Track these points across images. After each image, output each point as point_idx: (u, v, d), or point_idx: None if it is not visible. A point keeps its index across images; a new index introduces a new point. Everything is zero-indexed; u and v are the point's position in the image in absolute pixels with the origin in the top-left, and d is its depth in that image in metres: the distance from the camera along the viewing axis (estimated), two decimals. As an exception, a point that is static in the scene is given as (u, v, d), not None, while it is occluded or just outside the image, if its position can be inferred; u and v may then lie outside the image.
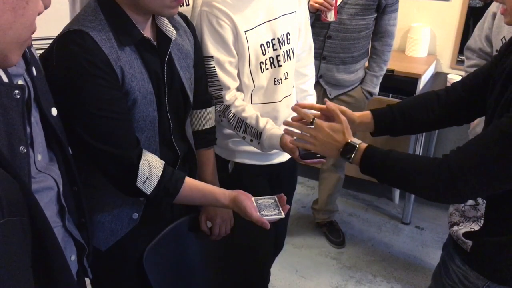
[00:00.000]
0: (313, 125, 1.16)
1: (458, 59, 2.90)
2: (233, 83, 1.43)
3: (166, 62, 1.16)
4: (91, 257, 1.11)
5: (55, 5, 0.86)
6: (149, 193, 1.11)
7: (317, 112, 1.26)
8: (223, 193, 1.19)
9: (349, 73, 2.32)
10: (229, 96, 1.42)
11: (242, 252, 1.48)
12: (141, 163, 1.09)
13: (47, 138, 0.93)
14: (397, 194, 3.03)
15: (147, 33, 1.14)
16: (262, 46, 1.44)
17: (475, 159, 0.96)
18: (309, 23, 1.64)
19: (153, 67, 1.13)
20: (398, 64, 2.75)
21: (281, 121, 1.51)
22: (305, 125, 1.20)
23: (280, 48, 1.49)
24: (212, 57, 1.39)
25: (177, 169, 1.21)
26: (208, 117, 1.40)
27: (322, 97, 2.30)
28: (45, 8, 0.74)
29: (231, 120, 1.43)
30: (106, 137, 1.05)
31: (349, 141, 1.11)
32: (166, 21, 1.18)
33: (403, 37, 3.02)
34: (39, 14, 0.71)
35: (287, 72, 1.54)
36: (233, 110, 1.42)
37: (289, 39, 1.51)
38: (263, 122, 1.40)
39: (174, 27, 1.19)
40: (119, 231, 1.21)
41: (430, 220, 2.86)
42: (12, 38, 0.66)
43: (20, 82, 0.83)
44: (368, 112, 1.28)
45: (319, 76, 2.31)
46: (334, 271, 2.45)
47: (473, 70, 1.27)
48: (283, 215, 1.19)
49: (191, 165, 1.34)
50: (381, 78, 2.41)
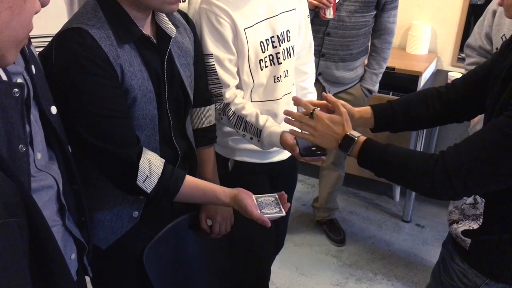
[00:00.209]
0: (313, 116, 1.16)
1: (459, 56, 2.89)
2: (232, 81, 1.43)
3: (166, 59, 1.16)
4: (91, 255, 1.11)
5: (54, 3, 0.86)
6: (149, 192, 1.11)
7: (318, 102, 1.25)
8: (223, 191, 1.19)
9: (348, 71, 2.31)
10: (228, 94, 1.42)
11: (242, 250, 1.48)
12: (141, 161, 1.09)
13: (46, 137, 0.93)
14: (397, 192, 3.02)
15: (147, 30, 1.13)
16: (262, 43, 1.44)
17: (471, 158, 0.96)
18: (309, 20, 1.64)
19: (153, 65, 1.13)
20: (399, 61, 2.74)
21: (281, 119, 1.51)
22: (305, 116, 1.20)
23: (280, 46, 1.48)
24: (212, 54, 1.38)
25: (177, 167, 1.20)
26: (208, 115, 1.40)
27: (321, 94, 2.29)
28: (43, 5, 0.74)
29: (231, 118, 1.43)
30: (106, 136, 1.05)
31: (348, 133, 1.11)
32: (165, 18, 1.17)
33: (404, 34, 3.01)
34: (36, 13, 0.71)
35: (287, 70, 1.53)
36: (233, 108, 1.42)
37: (289, 36, 1.51)
38: (263, 119, 1.40)
39: (174, 24, 1.18)
40: (119, 230, 1.21)
41: (430, 218, 2.86)
42: (9, 37, 0.66)
43: (19, 80, 0.83)
44: (368, 108, 1.28)
45: (318, 74, 2.29)
46: (334, 269, 2.45)
47: (473, 68, 1.26)
48: (284, 213, 1.19)
49: (191, 163, 1.34)
50: (380, 76, 2.40)
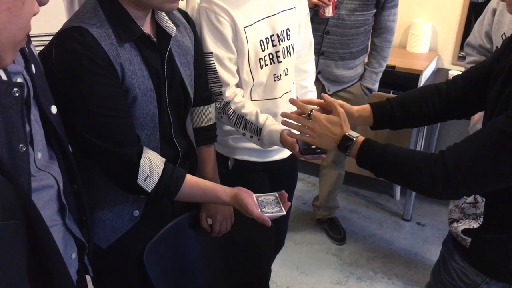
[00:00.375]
0: (311, 117, 1.16)
1: (460, 55, 2.89)
2: (232, 80, 1.43)
3: (166, 58, 1.16)
4: (91, 255, 1.11)
5: (54, 1, 0.86)
6: (150, 191, 1.11)
7: (315, 107, 1.25)
8: (224, 190, 1.19)
9: (348, 69, 2.31)
10: (228, 93, 1.42)
11: (242, 249, 1.48)
12: (141, 160, 1.09)
13: (47, 136, 0.93)
14: (398, 190, 3.02)
15: (147, 29, 1.13)
16: (261, 42, 1.44)
17: (471, 157, 0.96)
18: (309, 19, 1.64)
19: (153, 64, 1.13)
20: (399, 60, 2.73)
21: (281, 118, 1.51)
22: (302, 117, 1.20)
23: (280, 44, 1.48)
24: (212, 53, 1.38)
25: (177, 166, 1.20)
26: (208, 114, 1.40)
27: (321, 93, 2.28)
28: (42, 4, 0.74)
29: (231, 117, 1.42)
30: (106, 135, 1.05)
31: (346, 134, 1.11)
32: (166, 17, 1.17)
33: (404, 33, 3.00)
34: (34, 15, 0.71)
35: (287, 68, 1.53)
36: (232, 107, 1.42)
37: (289, 35, 1.50)
38: (263, 118, 1.40)
39: (174, 23, 1.18)
40: (120, 229, 1.21)
41: (431, 217, 2.86)
42: (7, 39, 0.66)
43: (19, 80, 0.83)
44: (367, 106, 1.27)
45: (317, 72, 2.28)
46: (335, 267, 2.45)
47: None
48: (285, 212, 1.18)
49: (191, 162, 1.34)
50: (380, 74, 2.39)
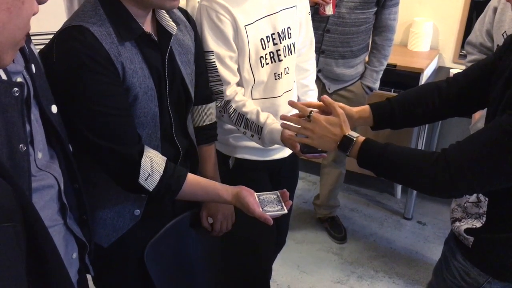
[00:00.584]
0: (310, 119, 1.16)
1: (461, 53, 2.88)
2: (233, 78, 1.42)
3: (167, 57, 1.15)
4: (92, 254, 1.11)
5: (54, 0, 0.85)
6: (151, 190, 1.10)
7: (315, 109, 1.25)
8: (225, 189, 1.18)
9: (349, 68, 2.30)
10: (229, 91, 1.42)
11: (243, 248, 1.48)
12: (143, 159, 1.08)
13: (47, 136, 0.92)
14: (399, 189, 3.02)
15: (148, 28, 1.13)
16: (262, 40, 1.43)
17: (473, 156, 0.96)
18: (310, 17, 1.63)
19: (153, 63, 1.12)
20: (400, 58, 2.73)
21: (282, 116, 1.51)
22: (302, 119, 1.19)
23: (281, 43, 1.48)
24: (212, 51, 1.38)
25: (178, 165, 1.20)
26: (209, 113, 1.39)
27: (321, 91, 2.28)
28: (42, 3, 0.73)
29: (232, 115, 1.42)
30: (107, 134, 1.05)
31: (346, 134, 1.11)
32: (166, 15, 1.17)
33: (406, 31, 3.00)
34: (34, 14, 0.70)
35: (287, 67, 1.53)
36: (233, 105, 1.42)
37: (290, 33, 1.50)
38: (263, 117, 1.39)
39: (174, 21, 1.18)
40: (121, 228, 1.20)
41: (432, 215, 2.86)
42: (6, 39, 0.65)
43: (19, 79, 0.82)
44: (366, 107, 1.27)
45: (318, 71, 2.27)
46: (335, 266, 2.45)
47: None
48: (286, 211, 1.18)
49: (192, 161, 1.34)
50: (381, 73, 2.38)
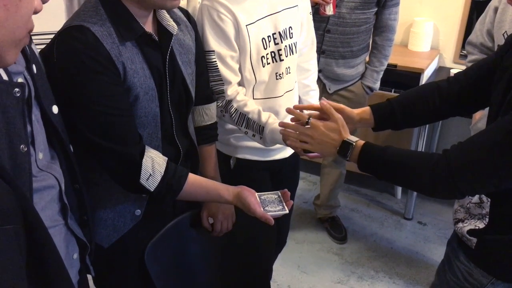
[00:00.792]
0: (309, 125, 1.15)
1: (461, 53, 2.88)
2: (234, 78, 1.42)
3: (167, 57, 1.15)
4: (93, 254, 1.10)
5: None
6: (152, 190, 1.10)
7: (314, 112, 1.24)
8: (226, 189, 1.18)
9: (349, 68, 2.30)
10: (230, 91, 1.41)
11: (244, 248, 1.47)
12: (144, 159, 1.08)
13: (48, 136, 0.92)
14: (399, 189, 3.02)
15: (148, 28, 1.12)
16: (264, 40, 1.43)
17: (475, 156, 0.95)
18: (311, 17, 1.63)
19: (154, 63, 1.12)
20: (401, 58, 2.73)
21: (283, 116, 1.51)
22: (301, 125, 1.19)
23: (282, 43, 1.47)
24: (214, 51, 1.37)
25: (179, 165, 1.20)
26: (210, 113, 1.39)
27: (322, 92, 2.28)
28: (44, 2, 0.73)
29: (233, 115, 1.42)
30: (108, 134, 1.04)
31: (345, 139, 1.10)
32: (167, 15, 1.16)
33: (406, 31, 2.99)
34: (36, 12, 0.69)
35: (289, 67, 1.52)
36: (235, 105, 1.41)
37: (291, 33, 1.50)
38: (265, 116, 1.39)
39: (175, 21, 1.17)
40: (121, 228, 1.20)
41: (432, 216, 2.85)
42: (6, 36, 0.65)
43: (20, 80, 0.82)
44: (367, 108, 1.27)
45: (318, 71, 2.27)
46: (336, 266, 2.45)
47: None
48: (287, 211, 1.18)
49: (193, 161, 1.33)
50: (381, 73, 2.38)
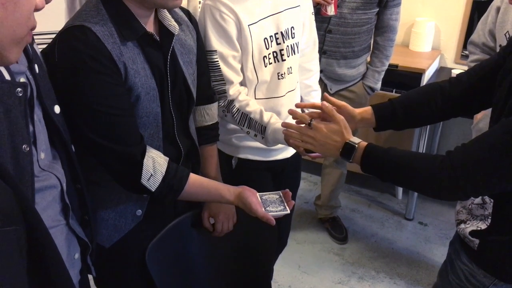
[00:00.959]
0: (311, 127, 1.15)
1: (463, 54, 2.88)
2: (236, 78, 1.42)
3: (169, 57, 1.15)
4: (94, 254, 1.10)
5: (57, -1, 0.84)
6: (153, 190, 1.10)
7: (316, 111, 1.24)
8: (227, 190, 1.18)
9: (350, 68, 2.30)
10: (232, 91, 1.41)
11: (244, 248, 1.47)
12: (145, 159, 1.08)
13: (50, 136, 0.92)
14: (400, 189, 3.01)
15: (150, 28, 1.12)
16: (266, 40, 1.43)
17: (478, 158, 0.95)
18: (313, 17, 1.63)
19: (156, 63, 1.12)
20: (402, 59, 2.72)
21: (285, 116, 1.50)
22: (303, 126, 1.19)
23: (284, 42, 1.47)
24: (216, 51, 1.37)
25: (180, 165, 1.19)
26: (211, 113, 1.39)
27: (323, 92, 2.27)
28: (47, 2, 0.72)
29: (235, 115, 1.41)
30: (110, 134, 1.04)
31: (347, 141, 1.10)
32: (168, 15, 1.16)
33: (407, 31, 2.99)
34: (37, 10, 0.69)
35: (290, 67, 1.52)
36: (237, 105, 1.41)
37: (293, 33, 1.50)
38: (267, 116, 1.39)
39: (176, 21, 1.17)
40: (122, 228, 1.20)
41: (433, 216, 2.85)
42: (6, 35, 0.64)
43: (22, 79, 0.82)
44: (368, 108, 1.26)
45: (319, 71, 2.28)
46: (336, 267, 2.44)
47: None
48: (289, 211, 1.18)
49: (194, 162, 1.33)
50: (383, 73, 2.38)
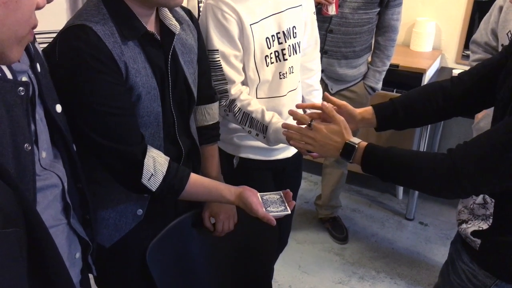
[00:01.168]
0: (311, 127, 1.15)
1: (464, 54, 2.88)
2: (238, 77, 1.41)
3: (170, 56, 1.14)
4: (95, 254, 1.10)
5: (58, -2, 0.84)
6: (154, 190, 1.09)
7: (316, 111, 1.23)
8: (228, 189, 1.18)
9: (351, 68, 2.29)
10: (234, 90, 1.41)
11: (245, 248, 1.47)
12: (146, 159, 1.07)
13: (51, 135, 0.92)
14: (400, 189, 3.01)
15: (151, 27, 1.12)
16: (268, 39, 1.43)
17: (480, 156, 0.95)
18: (315, 17, 1.63)
19: (156, 62, 1.11)
20: (403, 59, 2.72)
21: (286, 116, 1.50)
22: (303, 127, 1.19)
23: (286, 42, 1.47)
24: (217, 50, 1.37)
25: (181, 165, 1.19)
26: (212, 112, 1.38)
27: (324, 92, 2.27)
28: (49, 1, 0.72)
29: (237, 115, 1.41)
30: (111, 133, 1.04)
31: (347, 141, 1.10)
32: (169, 15, 1.16)
33: (408, 31, 2.99)
34: (38, 8, 0.69)
35: (292, 66, 1.52)
36: (238, 104, 1.41)
37: (295, 32, 1.49)
38: (268, 116, 1.39)
39: (177, 20, 1.17)
40: (123, 228, 1.20)
41: (434, 216, 2.85)
42: (7, 34, 0.64)
43: (24, 78, 0.82)
44: (369, 108, 1.26)
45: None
46: (337, 267, 2.44)
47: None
48: (289, 211, 1.17)
49: (195, 161, 1.33)
50: (384, 73, 2.37)
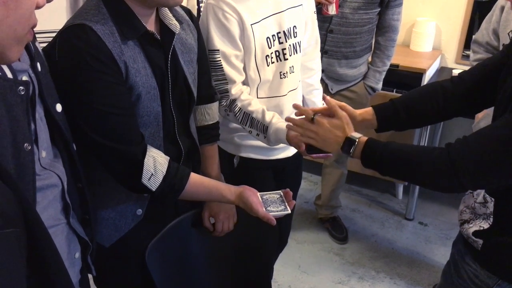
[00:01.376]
0: (314, 122, 1.16)
1: (464, 54, 2.88)
2: (239, 77, 1.41)
3: (170, 56, 1.14)
4: (94, 253, 1.09)
5: (58, -3, 0.84)
6: (154, 190, 1.09)
7: (320, 107, 1.25)
8: (228, 189, 1.18)
9: (352, 68, 2.29)
10: (235, 90, 1.41)
11: (245, 248, 1.47)
12: (146, 159, 1.07)
13: (51, 135, 0.91)
14: (400, 189, 3.01)
15: (151, 26, 1.11)
16: (268, 39, 1.43)
17: (479, 150, 0.95)
18: (315, 16, 1.63)
19: (156, 62, 1.11)
20: (403, 59, 2.72)
21: (287, 115, 1.50)
22: (306, 121, 1.20)
23: (286, 42, 1.47)
24: (218, 50, 1.37)
25: (181, 165, 1.19)
26: (211, 112, 1.38)
27: (324, 92, 2.27)
28: (49, 1, 0.72)
29: (238, 114, 1.41)
30: (111, 133, 1.03)
31: (349, 135, 1.11)
32: (169, 14, 1.15)
33: (408, 31, 2.99)
34: (38, 7, 0.68)
35: (293, 66, 1.52)
36: (239, 104, 1.41)
37: (296, 32, 1.49)
38: (269, 116, 1.39)
39: (177, 20, 1.17)
40: (122, 228, 1.19)
41: (433, 216, 2.85)
42: (7, 34, 0.64)
43: (25, 78, 0.82)
44: (369, 109, 1.26)
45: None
46: (336, 267, 2.44)
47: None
48: (289, 211, 1.18)
49: (194, 161, 1.33)
50: (384, 73, 2.37)
